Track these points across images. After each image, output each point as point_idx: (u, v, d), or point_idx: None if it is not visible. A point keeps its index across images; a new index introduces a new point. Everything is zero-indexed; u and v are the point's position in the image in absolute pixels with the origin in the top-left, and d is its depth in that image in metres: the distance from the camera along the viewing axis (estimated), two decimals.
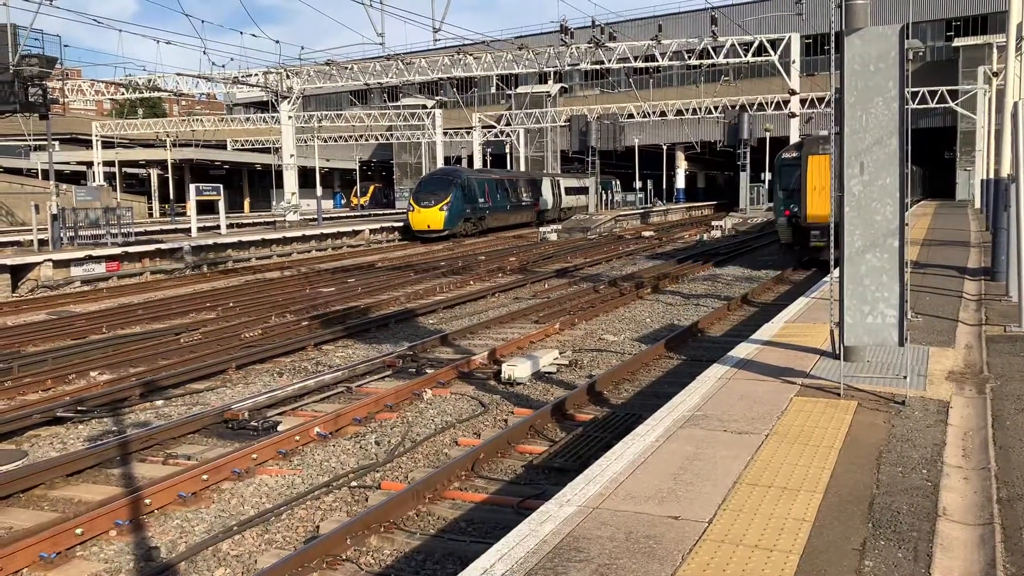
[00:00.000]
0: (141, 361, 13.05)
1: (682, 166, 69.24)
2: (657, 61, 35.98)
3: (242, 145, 71.82)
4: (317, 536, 6.50)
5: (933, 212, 36.66)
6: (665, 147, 64.78)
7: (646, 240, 37.37)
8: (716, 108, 52.86)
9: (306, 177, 55.13)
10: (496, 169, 54.39)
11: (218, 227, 34.63)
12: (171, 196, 57.49)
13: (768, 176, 52.16)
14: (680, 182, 69.30)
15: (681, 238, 38.43)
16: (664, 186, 67.62)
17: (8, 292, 22.21)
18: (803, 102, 41.44)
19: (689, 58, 35.44)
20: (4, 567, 5.99)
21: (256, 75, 41.23)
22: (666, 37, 37.08)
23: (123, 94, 47.49)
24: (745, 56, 33.77)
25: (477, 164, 57.39)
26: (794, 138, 32.60)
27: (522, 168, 59.87)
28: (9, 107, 26.17)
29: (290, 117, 42.58)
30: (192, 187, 33.78)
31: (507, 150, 63.43)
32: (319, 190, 45.89)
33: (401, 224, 40.66)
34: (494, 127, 60.66)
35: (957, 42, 51.45)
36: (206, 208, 38.93)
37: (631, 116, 55.61)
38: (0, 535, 6.82)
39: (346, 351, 13.97)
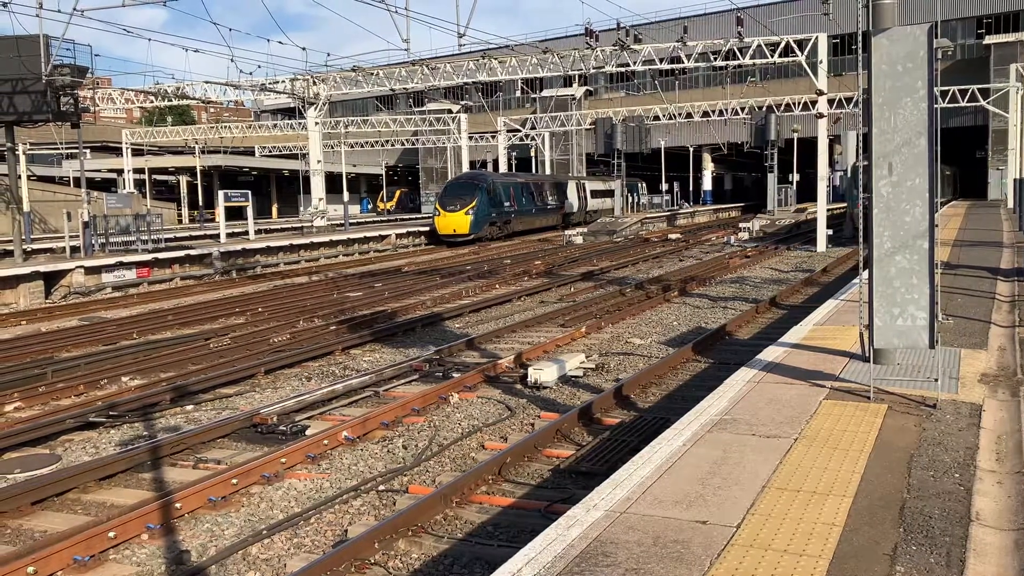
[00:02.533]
0: (171, 366, 13.20)
1: (709, 168, 68.88)
2: (683, 63, 35.80)
3: (269, 151, 72.43)
4: (345, 540, 6.53)
5: (964, 212, 36.18)
6: (691, 149, 64.50)
7: (672, 243, 37.21)
8: (743, 109, 52.50)
9: (333, 182, 55.52)
10: (521, 173, 54.38)
11: (246, 233, 34.93)
12: (200, 202, 58.10)
13: (797, 177, 52.04)
14: (707, 184, 68.94)
15: (708, 240, 38.22)
16: (691, 188, 67.28)
17: (41, 298, 22.56)
18: (831, 102, 41.01)
19: (715, 59, 35.23)
20: (39, 569, 6.09)
21: (283, 82, 41.56)
22: (691, 38, 36.86)
23: (152, 102, 48.13)
24: (772, 57, 33.46)
25: (502, 168, 57.40)
26: (822, 139, 32.30)
27: (547, 171, 59.83)
28: (42, 116, 26.59)
29: (317, 123, 42.89)
30: (220, 193, 34.07)
31: (532, 153, 63.40)
32: (346, 195, 46.23)
33: (427, 228, 40.81)
34: (519, 131, 60.68)
35: (988, 40, 50.71)
36: (234, 214, 39.26)
37: (657, 118, 55.37)
38: (35, 538, 6.93)
39: (373, 355, 14.04)
